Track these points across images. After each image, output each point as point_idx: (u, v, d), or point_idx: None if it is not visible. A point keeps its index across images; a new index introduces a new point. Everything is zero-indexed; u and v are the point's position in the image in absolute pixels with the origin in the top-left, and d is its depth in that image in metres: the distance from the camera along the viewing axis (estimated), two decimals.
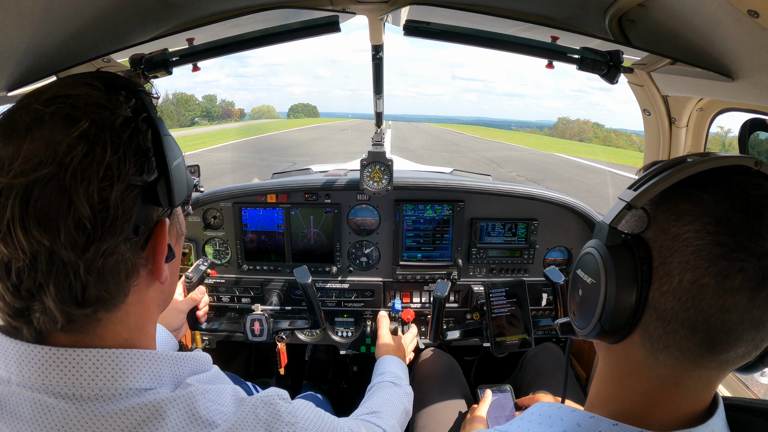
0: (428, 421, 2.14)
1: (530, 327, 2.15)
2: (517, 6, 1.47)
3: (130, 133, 0.76)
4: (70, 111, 0.72)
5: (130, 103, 0.79)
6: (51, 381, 0.75)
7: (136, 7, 1.27)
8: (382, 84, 2.27)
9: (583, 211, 2.61)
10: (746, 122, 1.00)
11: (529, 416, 0.96)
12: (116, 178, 0.72)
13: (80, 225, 0.69)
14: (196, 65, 1.79)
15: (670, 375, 0.77)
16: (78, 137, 0.70)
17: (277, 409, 0.92)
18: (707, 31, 1.20)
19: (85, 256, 0.71)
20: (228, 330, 2.54)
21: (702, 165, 0.74)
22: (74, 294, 0.73)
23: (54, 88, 0.75)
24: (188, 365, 0.90)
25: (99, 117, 0.73)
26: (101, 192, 0.70)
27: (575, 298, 0.90)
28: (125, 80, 0.83)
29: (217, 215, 2.69)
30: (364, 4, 1.56)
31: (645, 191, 0.76)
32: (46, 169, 0.68)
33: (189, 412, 0.81)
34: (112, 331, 0.82)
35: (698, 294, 0.69)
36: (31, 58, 1.13)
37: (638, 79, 1.81)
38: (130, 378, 0.79)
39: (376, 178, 2.46)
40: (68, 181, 0.68)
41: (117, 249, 0.74)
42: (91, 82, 0.78)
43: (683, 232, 0.71)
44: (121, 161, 0.73)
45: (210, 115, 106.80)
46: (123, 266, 0.77)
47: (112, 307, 0.80)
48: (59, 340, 0.78)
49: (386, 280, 2.77)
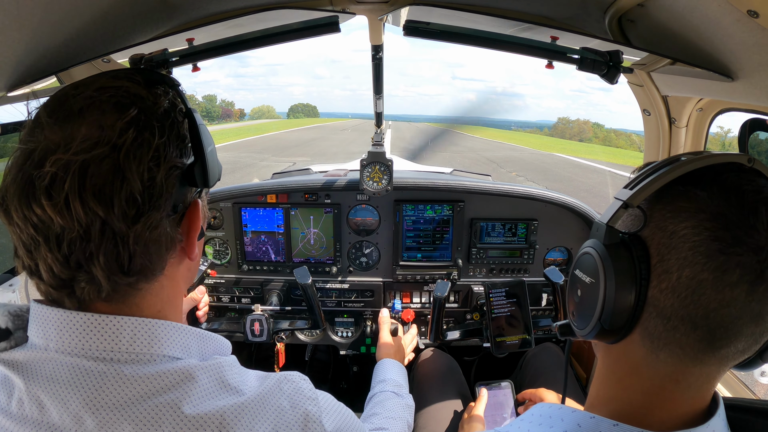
0: (428, 421, 2.14)
1: (530, 327, 2.15)
2: (517, 6, 1.47)
3: (171, 121, 0.85)
4: (120, 99, 0.81)
5: (168, 96, 0.88)
6: (91, 345, 0.81)
7: (136, 7, 1.27)
8: (382, 84, 2.27)
9: (583, 211, 2.61)
10: (746, 122, 1.01)
11: (529, 417, 0.96)
12: (162, 158, 0.81)
13: (131, 199, 0.76)
14: (196, 65, 1.79)
15: (671, 372, 0.77)
16: (128, 122, 0.78)
17: (300, 386, 1.02)
18: (707, 31, 1.20)
19: (135, 227, 0.78)
20: (228, 330, 2.54)
21: (696, 163, 0.75)
22: (121, 263, 0.79)
23: (101, 80, 0.83)
24: (213, 344, 0.97)
25: (144, 106, 0.82)
26: (150, 171, 0.79)
27: (574, 298, 0.90)
28: (163, 76, 0.93)
29: (217, 215, 2.69)
30: (363, 4, 1.56)
31: (641, 190, 0.76)
32: (101, 149, 0.75)
33: (218, 378, 0.88)
34: (148, 301, 0.88)
35: (697, 290, 0.70)
36: (31, 58, 1.13)
37: (638, 79, 1.81)
38: (164, 346, 0.86)
39: (376, 178, 2.46)
40: (122, 160, 0.76)
41: (161, 223, 0.82)
42: (133, 77, 0.86)
43: (680, 228, 0.72)
44: (167, 144, 0.82)
45: (210, 115, 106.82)
46: (164, 239, 0.84)
47: (152, 278, 0.86)
48: (100, 308, 0.83)
49: (386, 281, 2.77)
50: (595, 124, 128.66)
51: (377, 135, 2.56)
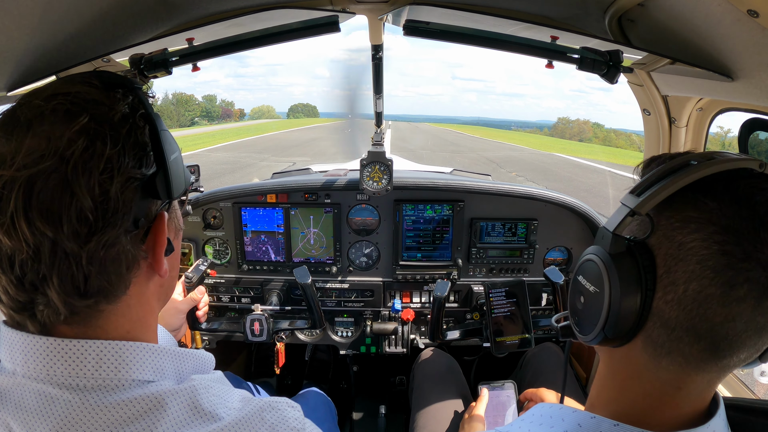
0: (428, 421, 2.14)
1: (530, 327, 2.15)
2: (517, 6, 1.47)
3: (128, 128, 0.77)
4: (70, 107, 0.73)
5: (127, 100, 0.80)
6: (56, 372, 0.76)
7: (136, 7, 1.27)
8: (382, 84, 2.27)
9: (583, 211, 2.61)
10: (746, 122, 1.01)
11: (530, 417, 0.96)
12: (116, 170, 0.73)
13: (82, 216, 0.70)
14: (196, 65, 1.79)
15: (673, 379, 0.77)
16: (78, 131, 0.71)
17: (285, 414, 0.91)
18: (707, 31, 1.20)
19: (87, 246, 0.72)
20: (228, 330, 2.53)
21: (706, 170, 0.73)
22: (77, 285, 0.73)
23: (54, 86, 0.77)
24: (191, 362, 0.91)
25: (98, 112, 0.75)
26: (102, 184, 0.72)
27: (577, 305, 0.89)
28: (122, 78, 0.85)
29: (216, 215, 2.69)
30: (363, 4, 1.56)
31: (649, 198, 0.74)
32: (48, 162, 0.69)
33: (191, 404, 0.81)
34: (114, 323, 0.82)
35: (704, 303, 0.69)
36: (30, 58, 1.13)
37: (638, 79, 1.81)
38: (133, 369, 0.80)
39: (375, 178, 2.46)
40: (70, 174, 0.69)
41: (118, 240, 0.76)
42: (89, 81, 0.79)
43: (689, 240, 0.70)
44: (121, 154, 0.74)
45: (210, 115, 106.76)
46: (124, 257, 0.78)
47: (114, 299, 0.80)
48: (63, 332, 0.78)
49: (386, 280, 2.77)
50: (595, 124, 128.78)
51: (377, 135, 2.55)
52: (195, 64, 1.79)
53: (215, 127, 66.51)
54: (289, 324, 2.45)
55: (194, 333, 2.59)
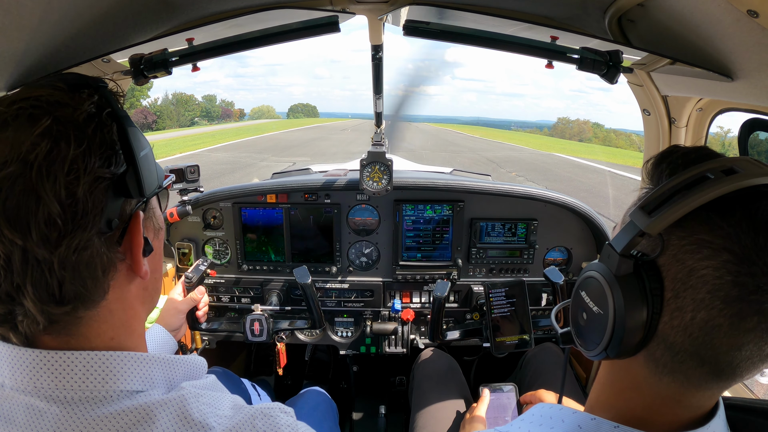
0: (427, 421, 2.14)
1: (530, 327, 2.15)
2: (517, 6, 1.47)
3: (94, 127, 0.75)
4: (33, 110, 0.72)
5: (93, 99, 0.78)
6: (42, 384, 0.75)
7: (136, 7, 1.27)
8: (382, 84, 2.27)
9: (583, 211, 2.61)
10: (746, 122, 1.01)
11: (530, 417, 0.96)
12: (82, 171, 0.71)
13: (50, 221, 0.69)
14: (196, 65, 1.79)
15: (673, 394, 0.76)
16: (41, 134, 0.69)
17: (277, 421, 0.88)
18: (707, 31, 1.20)
19: (57, 251, 0.70)
20: (228, 330, 2.53)
21: (725, 187, 0.67)
22: (51, 292, 0.72)
23: (19, 92, 0.75)
24: (181, 369, 0.90)
25: (61, 114, 0.73)
26: (68, 186, 0.70)
27: (579, 320, 0.87)
28: (88, 78, 0.83)
29: (216, 215, 2.69)
30: (363, 4, 1.56)
31: (661, 219, 0.69)
32: (11, 167, 0.67)
33: (180, 414, 0.80)
34: (96, 330, 0.81)
35: (710, 333, 0.67)
36: (30, 58, 1.13)
37: (638, 79, 1.81)
38: (121, 380, 0.79)
39: (375, 178, 2.46)
40: (34, 178, 0.68)
41: (90, 243, 0.74)
42: (54, 83, 0.78)
43: (700, 267, 0.67)
44: (86, 155, 0.72)
45: (210, 116, 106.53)
46: (99, 261, 0.76)
47: (92, 304, 0.79)
48: (46, 342, 0.78)
49: (386, 280, 2.78)
50: (595, 124, 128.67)
51: (377, 135, 2.55)
52: (195, 64, 1.78)
53: (215, 127, 66.53)
54: (289, 324, 2.45)
55: (194, 333, 2.60)
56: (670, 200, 0.70)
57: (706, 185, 0.68)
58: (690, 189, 0.69)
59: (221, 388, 0.98)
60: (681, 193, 0.69)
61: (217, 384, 0.98)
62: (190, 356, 0.93)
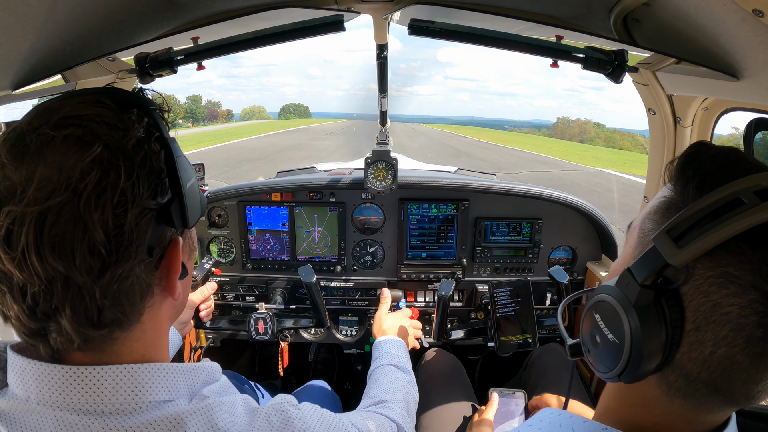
0: (432, 422, 2.14)
1: (535, 327, 2.14)
2: (522, 5, 1.46)
3: (143, 155, 0.75)
4: (82, 134, 0.70)
5: (142, 123, 0.77)
6: (72, 399, 0.75)
7: (141, 6, 1.28)
8: (387, 83, 2.27)
9: (588, 211, 2.60)
10: (751, 122, 0.99)
11: (537, 423, 0.93)
12: (131, 203, 0.71)
13: (95, 251, 0.69)
14: (201, 64, 1.80)
15: (684, 414, 0.75)
16: (91, 162, 0.69)
17: (289, 415, 0.95)
18: (712, 31, 1.20)
19: (100, 281, 0.71)
20: (232, 328, 2.54)
21: (759, 217, 0.62)
22: (90, 317, 0.72)
23: (65, 108, 0.73)
24: (201, 376, 0.91)
25: (111, 139, 0.72)
26: (116, 218, 0.70)
27: (591, 342, 0.83)
28: (137, 97, 0.82)
29: (221, 214, 2.69)
30: (368, 3, 1.56)
31: (690, 250, 0.64)
32: (60, 196, 0.67)
33: (208, 423, 0.82)
34: (128, 348, 0.82)
35: (729, 368, 0.65)
36: (36, 56, 1.14)
37: (643, 78, 1.80)
38: (150, 391, 0.80)
39: (380, 176, 2.46)
40: (83, 208, 0.67)
41: (132, 272, 0.74)
42: (101, 100, 0.76)
43: (726, 303, 0.64)
44: (135, 186, 0.72)
45: (195, 118, 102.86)
46: (138, 288, 0.77)
47: (128, 327, 0.80)
48: (77, 358, 0.78)
49: (390, 279, 2.77)
50: (596, 124, 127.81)
51: (382, 133, 2.55)
52: (200, 63, 1.79)
53: (185, 132, 62.52)
54: (294, 323, 2.45)
55: (199, 331, 2.61)
56: (698, 226, 0.65)
57: (739, 212, 0.63)
58: (721, 215, 0.64)
59: (232, 388, 1.00)
60: (711, 220, 0.64)
61: (228, 385, 1.00)
62: (207, 363, 0.95)
